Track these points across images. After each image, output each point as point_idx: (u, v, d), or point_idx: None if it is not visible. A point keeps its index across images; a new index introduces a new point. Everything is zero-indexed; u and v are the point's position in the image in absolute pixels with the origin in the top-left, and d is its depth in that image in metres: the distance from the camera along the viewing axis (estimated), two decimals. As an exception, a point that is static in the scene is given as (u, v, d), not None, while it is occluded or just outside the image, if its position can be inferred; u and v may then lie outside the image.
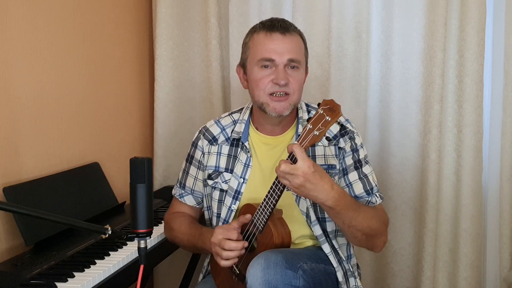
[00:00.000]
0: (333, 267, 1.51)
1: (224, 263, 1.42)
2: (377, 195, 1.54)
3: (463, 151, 2.06)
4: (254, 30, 1.54)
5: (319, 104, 1.29)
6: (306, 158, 1.27)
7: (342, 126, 1.56)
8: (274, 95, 1.48)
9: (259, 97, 1.50)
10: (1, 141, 1.61)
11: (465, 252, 2.07)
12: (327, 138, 1.37)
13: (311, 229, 1.53)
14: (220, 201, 1.61)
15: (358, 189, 1.52)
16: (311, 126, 1.28)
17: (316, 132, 1.28)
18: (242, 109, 1.68)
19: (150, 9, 2.46)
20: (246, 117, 1.63)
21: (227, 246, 1.40)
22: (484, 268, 2.18)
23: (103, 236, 1.16)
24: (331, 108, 1.27)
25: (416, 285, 2.22)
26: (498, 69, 2.08)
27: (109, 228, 1.17)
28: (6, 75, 1.63)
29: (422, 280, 2.15)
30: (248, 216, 1.46)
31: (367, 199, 1.52)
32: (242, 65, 1.58)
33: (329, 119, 1.27)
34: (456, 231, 2.10)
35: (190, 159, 1.69)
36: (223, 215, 1.60)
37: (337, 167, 1.54)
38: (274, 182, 1.37)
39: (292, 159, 1.30)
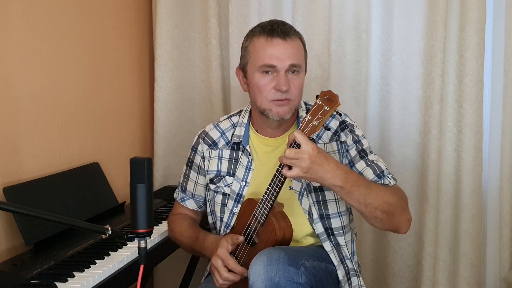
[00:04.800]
0: (334, 266, 1.51)
1: (221, 282, 1.45)
2: (390, 176, 1.51)
3: (463, 151, 2.06)
4: (253, 33, 1.52)
5: (317, 96, 1.32)
6: (308, 141, 1.30)
7: (342, 121, 1.57)
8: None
9: (261, 103, 1.50)
10: (1, 141, 1.61)
11: (465, 252, 2.06)
12: (326, 127, 1.39)
13: (312, 227, 1.53)
14: (223, 205, 1.61)
15: (369, 174, 1.49)
16: (310, 117, 1.32)
17: (315, 122, 1.31)
18: (240, 112, 1.68)
19: (150, 9, 2.46)
20: (245, 120, 1.62)
21: (224, 277, 1.43)
22: (484, 268, 2.18)
23: (103, 236, 1.16)
24: (329, 99, 1.31)
25: (416, 285, 2.22)
26: (498, 69, 2.08)
27: (109, 228, 1.16)
28: (6, 75, 1.63)
29: (422, 280, 2.15)
30: (241, 238, 1.47)
31: (380, 182, 1.49)
32: (242, 68, 1.57)
33: (328, 108, 1.30)
34: (456, 231, 2.10)
35: (190, 163, 1.69)
36: (225, 218, 1.60)
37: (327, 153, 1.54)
38: (275, 175, 1.38)
39: (294, 147, 1.31)
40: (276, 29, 1.47)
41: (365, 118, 2.20)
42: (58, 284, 1.34)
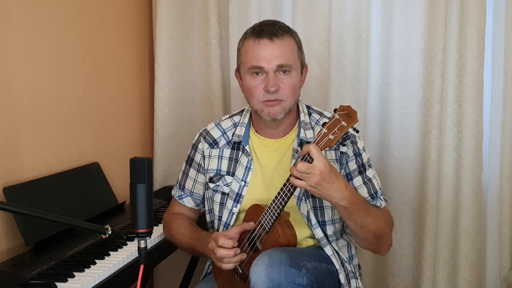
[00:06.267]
0: (335, 267, 1.51)
1: (225, 266, 1.44)
2: (382, 198, 1.54)
3: (463, 151, 2.06)
4: (245, 35, 1.53)
5: (335, 110, 1.31)
6: (322, 157, 1.29)
7: None
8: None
9: (254, 104, 1.51)
10: (1, 141, 1.61)
11: (465, 252, 2.07)
12: (341, 143, 1.38)
13: (312, 232, 1.54)
14: (222, 204, 1.61)
15: (363, 193, 1.52)
16: (326, 130, 1.30)
17: (331, 136, 1.30)
18: (242, 111, 1.68)
19: (150, 9, 2.46)
20: (246, 120, 1.63)
21: (219, 254, 1.42)
22: (484, 268, 2.18)
23: (103, 236, 1.16)
24: (348, 114, 1.29)
25: (416, 285, 2.22)
26: (498, 69, 2.08)
27: (109, 228, 1.17)
28: (6, 75, 1.63)
29: (422, 280, 2.15)
30: (252, 223, 1.47)
31: (372, 202, 1.52)
32: (238, 70, 1.58)
33: (345, 124, 1.29)
34: (456, 231, 2.10)
35: (190, 161, 1.68)
36: (224, 218, 1.60)
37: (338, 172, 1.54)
38: (284, 184, 1.38)
39: (307, 160, 1.31)
40: (264, 30, 1.47)
41: (365, 118, 2.20)
42: (58, 284, 1.34)
